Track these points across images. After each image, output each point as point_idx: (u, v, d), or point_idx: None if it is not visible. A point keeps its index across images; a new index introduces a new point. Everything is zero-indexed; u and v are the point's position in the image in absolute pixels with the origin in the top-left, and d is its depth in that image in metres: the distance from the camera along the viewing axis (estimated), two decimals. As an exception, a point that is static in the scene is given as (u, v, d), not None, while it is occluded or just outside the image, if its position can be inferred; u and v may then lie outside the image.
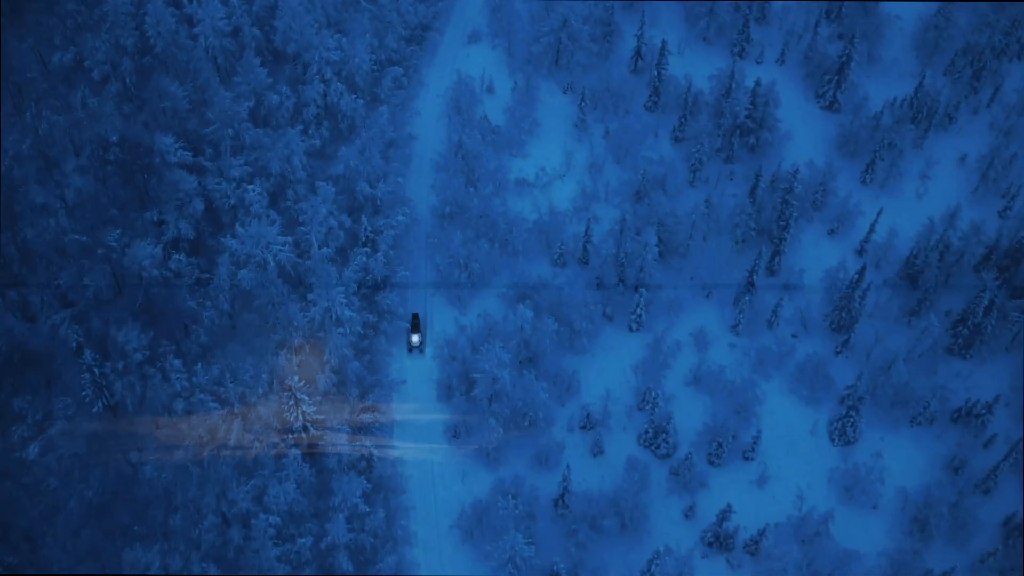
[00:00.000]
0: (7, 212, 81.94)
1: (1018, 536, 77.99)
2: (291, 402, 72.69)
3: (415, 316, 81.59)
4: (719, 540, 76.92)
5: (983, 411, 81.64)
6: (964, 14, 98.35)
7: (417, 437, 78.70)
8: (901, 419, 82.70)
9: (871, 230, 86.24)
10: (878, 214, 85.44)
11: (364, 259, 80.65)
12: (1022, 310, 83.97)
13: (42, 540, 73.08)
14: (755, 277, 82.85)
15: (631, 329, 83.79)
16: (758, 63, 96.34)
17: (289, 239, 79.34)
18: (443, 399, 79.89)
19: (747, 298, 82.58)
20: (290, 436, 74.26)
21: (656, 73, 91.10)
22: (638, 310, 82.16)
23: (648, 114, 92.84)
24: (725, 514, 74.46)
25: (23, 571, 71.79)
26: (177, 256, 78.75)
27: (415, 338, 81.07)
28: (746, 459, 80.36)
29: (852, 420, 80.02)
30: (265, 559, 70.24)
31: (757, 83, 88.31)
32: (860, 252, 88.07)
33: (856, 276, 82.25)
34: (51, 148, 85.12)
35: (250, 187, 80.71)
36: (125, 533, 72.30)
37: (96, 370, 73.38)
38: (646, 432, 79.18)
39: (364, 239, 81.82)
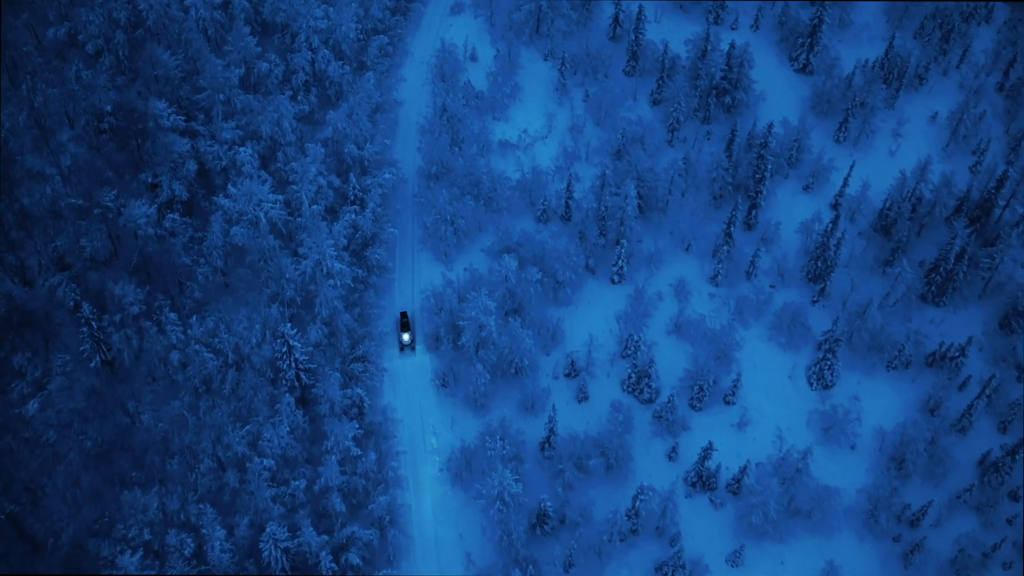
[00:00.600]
0: (4, 180, 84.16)
1: (994, 473, 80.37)
2: (284, 349, 74.88)
3: (403, 315, 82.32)
4: (702, 480, 79.13)
5: (957, 354, 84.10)
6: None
7: (407, 385, 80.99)
8: (877, 363, 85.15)
9: (845, 184, 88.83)
10: (851, 167, 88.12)
11: (353, 216, 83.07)
12: (992, 256, 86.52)
13: (42, 491, 74.81)
14: (732, 229, 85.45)
15: (613, 281, 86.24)
16: (733, 29, 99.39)
17: (280, 198, 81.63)
18: (431, 349, 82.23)
19: (725, 249, 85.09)
20: (283, 383, 76.36)
21: (634, 38, 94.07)
22: (619, 262, 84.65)
23: (627, 78, 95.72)
24: (707, 452, 76.69)
25: (24, 520, 73.62)
26: (171, 215, 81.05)
27: (405, 337, 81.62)
28: (727, 403, 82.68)
29: (829, 363, 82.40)
30: (260, 500, 72.26)
31: (732, 45, 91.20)
32: (835, 206, 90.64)
33: (830, 224, 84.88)
34: (47, 119, 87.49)
35: (241, 149, 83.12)
36: (124, 480, 74.25)
37: (94, 323, 75.52)
38: (629, 377, 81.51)
39: (353, 197, 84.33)
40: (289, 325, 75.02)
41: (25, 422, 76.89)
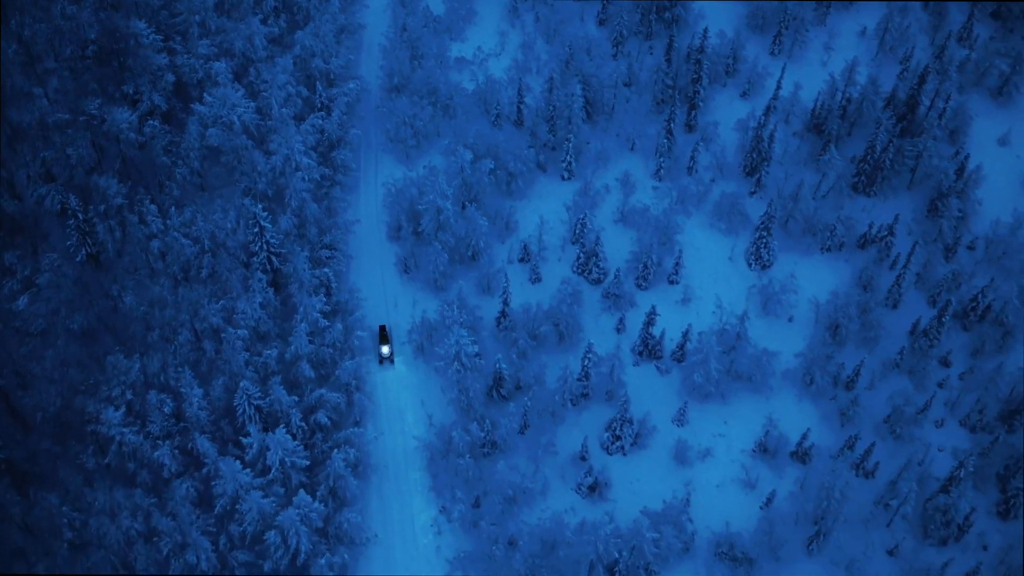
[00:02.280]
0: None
1: (923, 337, 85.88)
2: (255, 230, 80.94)
3: (382, 328, 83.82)
4: (648, 348, 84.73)
5: (886, 233, 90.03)
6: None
7: (372, 270, 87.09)
8: (812, 246, 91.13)
9: (778, 87, 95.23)
10: (782, 70, 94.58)
11: (320, 121, 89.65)
12: (916, 145, 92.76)
13: (31, 374, 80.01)
14: (673, 127, 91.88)
15: (563, 178, 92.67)
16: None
17: (252, 104, 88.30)
18: (393, 239, 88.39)
19: (666, 144, 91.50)
20: (256, 265, 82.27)
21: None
22: (568, 158, 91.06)
23: (574, 2, 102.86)
24: (651, 316, 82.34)
25: (14, 395, 78.97)
26: (151, 122, 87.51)
27: (384, 349, 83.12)
28: (671, 283, 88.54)
29: (765, 241, 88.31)
30: (235, 364, 77.86)
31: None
32: (769, 109, 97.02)
33: (762, 117, 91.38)
34: (34, 48, 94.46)
35: (216, 63, 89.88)
36: (107, 353, 79.77)
37: (80, 215, 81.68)
38: (578, 258, 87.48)
39: (320, 105, 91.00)
40: (260, 207, 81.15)
41: (15, 315, 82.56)
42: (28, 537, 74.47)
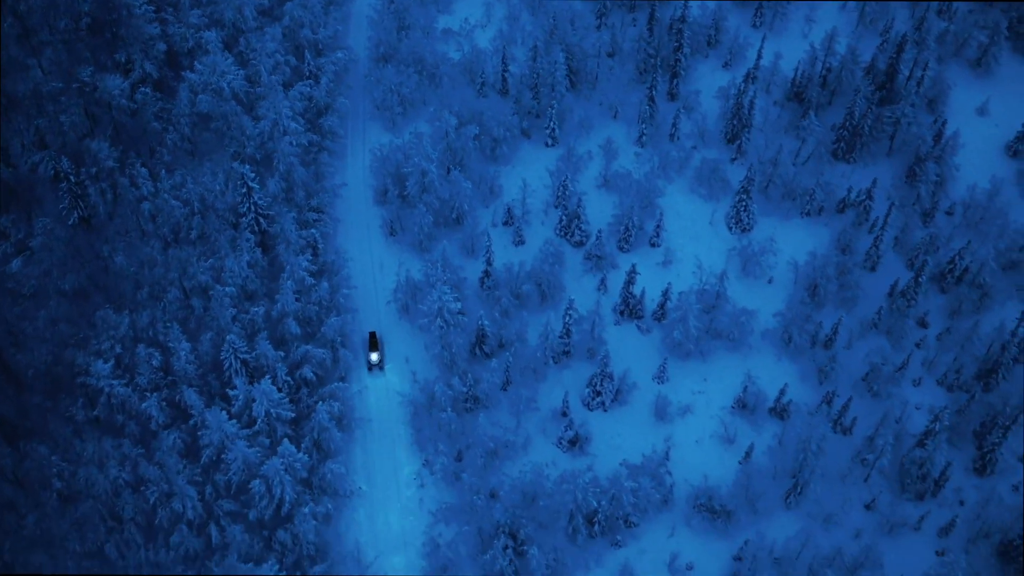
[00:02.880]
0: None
1: (901, 298, 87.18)
2: (243, 191, 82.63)
3: (372, 335, 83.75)
4: (629, 308, 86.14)
5: (864, 198, 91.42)
6: None
7: (358, 233, 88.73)
8: (792, 210, 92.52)
9: (759, 56, 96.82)
10: (763, 39, 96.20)
11: (308, 89, 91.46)
12: (894, 112, 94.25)
13: (23, 334, 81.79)
14: (655, 94, 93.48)
15: (547, 144, 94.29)
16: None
17: (242, 72, 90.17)
18: (379, 203, 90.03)
19: (648, 110, 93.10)
20: (243, 221, 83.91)
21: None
22: (551, 124, 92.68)
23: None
24: (631, 275, 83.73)
25: (7, 353, 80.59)
26: (143, 89, 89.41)
27: (373, 356, 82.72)
28: (652, 245, 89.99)
29: (745, 205, 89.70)
30: (223, 320, 79.44)
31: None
32: (749, 77, 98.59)
33: (742, 84, 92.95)
34: (30, 20, 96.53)
35: (206, 33, 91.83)
36: (98, 311, 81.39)
37: (72, 177, 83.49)
38: (560, 221, 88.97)
39: (308, 73, 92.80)
40: (248, 168, 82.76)
41: (8, 277, 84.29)
42: (19, 490, 76.12)
